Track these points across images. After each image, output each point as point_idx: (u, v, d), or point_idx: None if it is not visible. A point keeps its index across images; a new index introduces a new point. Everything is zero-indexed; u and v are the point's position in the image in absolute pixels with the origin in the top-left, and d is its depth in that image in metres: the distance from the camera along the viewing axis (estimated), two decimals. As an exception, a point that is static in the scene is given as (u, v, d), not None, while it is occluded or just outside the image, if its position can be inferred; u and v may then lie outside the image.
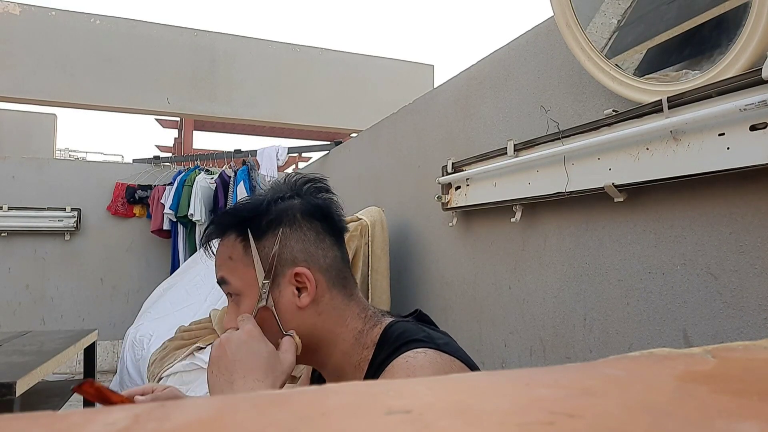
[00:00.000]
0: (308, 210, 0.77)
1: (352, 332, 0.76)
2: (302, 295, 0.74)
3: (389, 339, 0.73)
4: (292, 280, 0.74)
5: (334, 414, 0.18)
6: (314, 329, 0.75)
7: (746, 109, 0.88)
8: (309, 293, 0.74)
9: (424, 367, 0.65)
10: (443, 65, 64.67)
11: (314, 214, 0.78)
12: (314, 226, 0.77)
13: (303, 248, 0.75)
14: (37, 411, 0.34)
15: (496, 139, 1.72)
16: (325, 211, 0.79)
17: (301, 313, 0.74)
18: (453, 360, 0.69)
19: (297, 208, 0.77)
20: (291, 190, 0.80)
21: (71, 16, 4.95)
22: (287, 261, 0.74)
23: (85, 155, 11.46)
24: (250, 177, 4.17)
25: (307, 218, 0.77)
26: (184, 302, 2.89)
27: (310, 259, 0.75)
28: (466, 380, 0.23)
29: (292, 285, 0.74)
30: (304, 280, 0.74)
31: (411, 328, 0.74)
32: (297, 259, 0.74)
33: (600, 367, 0.24)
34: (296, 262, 0.74)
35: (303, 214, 0.77)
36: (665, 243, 1.13)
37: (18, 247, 4.27)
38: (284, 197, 0.78)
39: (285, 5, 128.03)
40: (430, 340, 0.70)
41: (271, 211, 0.75)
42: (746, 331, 0.97)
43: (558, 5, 1.29)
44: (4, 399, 1.44)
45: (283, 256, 0.74)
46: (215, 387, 0.66)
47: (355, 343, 0.76)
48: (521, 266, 1.60)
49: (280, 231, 0.74)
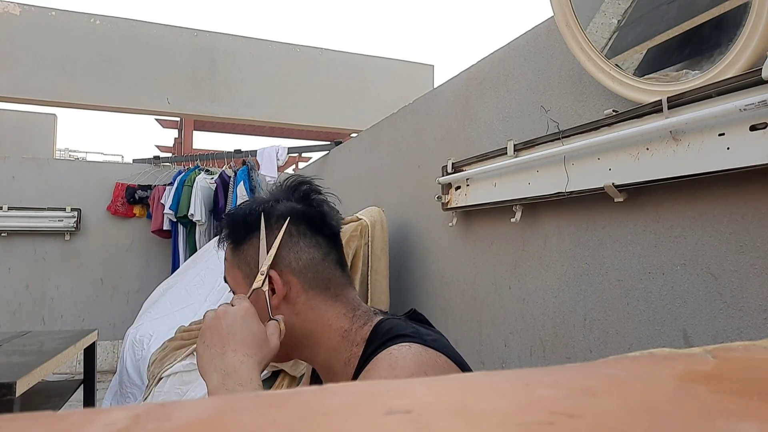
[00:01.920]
0: (283, 216, 0.81)
1: (338, 331, 0.79)
2: (273, 295, 0.78)
3: (378, 335, 0.75)
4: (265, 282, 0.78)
5: (334, 414, 0.18)
6: (293, 328, 0.78)
7: (746, 109, 0.88)
8: (277, 294, 0.78)
9: (406, 359, 0.67)
10: (443, 65, 64.68)
11: (290, 219, 0.80)
12: (287, 230, 0.80)
13: (281, 254, 0.80)
14: (37, 411, 0.34)
15: (496, 139, 1.72)
16: (303, 215, 0.82)
17: (276, 312, 0.78)
18: (438, 355, 0.70)
19: (273, 214, 0.81)
20: (283, 194, 0.84)
21: (71, 16, 4.95)
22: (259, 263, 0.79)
23: (85, 155, 11.47)
24: (250, 177, 4.17)
25: (281, 223, 0.80)
26: (184, 302, 2.89)
27: (281, 262, 0.79)
28: (466, 380, 0.23)
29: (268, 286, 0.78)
30: (273, 282, 0.78)
31: (400, 324, 0.76)
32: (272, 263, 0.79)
33: (600, 367, 0.24)
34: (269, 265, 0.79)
35: (277, 220, 0.80)
36: (665, 243, 1.13)
37: (18, 247, 4.27)
38: (270, 202, 0.82)
39: (285, 5, 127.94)
40: (417, 336, 0.71)
41: (248, 219, 0.81)
42: (746, 331, 0.97)
43: (558, 5, 1.29)
44: (4, 399, 1.44)
45: (257, 259, 0.79)
46: (205, 356, 0.68)
47: (343, 341, 0.78)
48: (521, 266, 1.60)
49: (254, 236, 0.80)
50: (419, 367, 0.66)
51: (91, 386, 2.48)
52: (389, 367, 0.66)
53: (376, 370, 0.67)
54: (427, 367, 0.67)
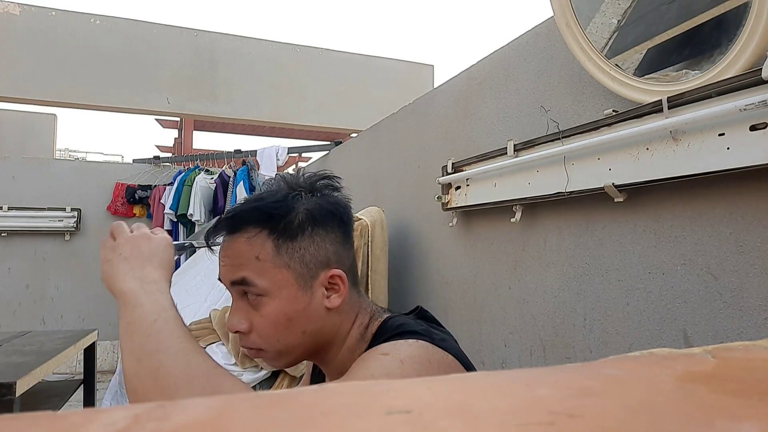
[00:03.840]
0: (332, 210, 0.74)
1: (359, 327, 0.76)
2: (332, 296, 0.72)
3: (386, 330, 0.72)
4: (324, 282, 0.72)
5: (334, 414, 0.18)
6: (333, 327, 0.74)
7: (746, 109, 0.88)
8: (340, 294, 0.72)
9: (413, 345, 0.64)
10: (443, 65, 64.69)
11: (336, 214, 0.75)
12: (341, 227, 0.75)
13: (335, 250, 0.73)
14: (37, 411, 0.34)
15: (496, 139, 1.72)
16: (346, 210, 0.77)
17: (328, 314, 0.72)
18: (445, 354, 0.67)
19: (323, 207, 0.73)
20: (305, 187, 0.75)
21: (71, 16, 4.95)
22: (322, 263, 0.71)
23: (85, 155, 11.47)
24: (250, 177, 4.17)
25: (334, 217, 0.74)
26: (184, 302, 2.88)
27: (340, 261, 0.73)
28: (466, 380, 0.23)
29: (323, 286, 0.72)
30: (338, 281, 0.72)
31: (410, 321, 0.73)
32: (330, 261, 0.72)
33: (600, 367, 0.24)
34: (329, 264, 0.72)
35: (330, 213, 0.73)
36: (665, 243, 1.13)
37: (18, 247, 4.27)
38: (305, 193, 0.74)
39: (285, 5, 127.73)
40: (427, 334, 0.68)
41: (299, 209, 0.71)
42: (746, 331, 0.97)
43: (558, 5, 1.29)
44: (4, 399, 1.44)
45: (318, 258, 0.71)
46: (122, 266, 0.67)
47: (360, 339, 0.75)
48: (521, 266, 1.60)
49: (315, 232, 0.71)
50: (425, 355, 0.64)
51: (91, 386, 2.48)
52: (392, 345, 0.64)
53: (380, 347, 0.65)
54: (433, 360, 0.64)
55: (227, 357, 2.04)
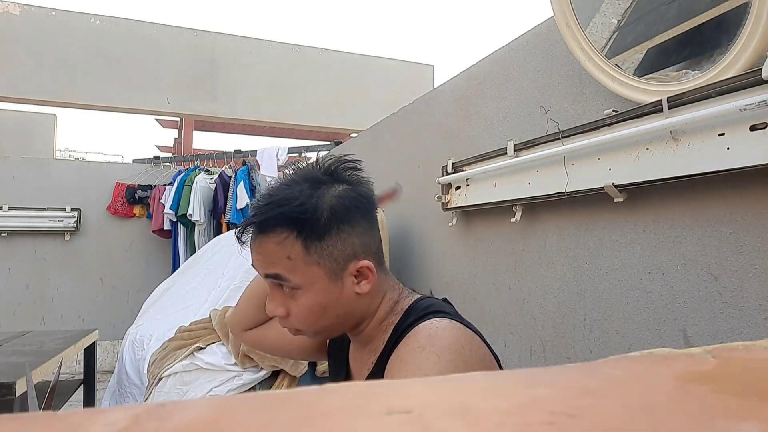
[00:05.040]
0: (356, 202, 0.77)
1: (389, 302, 0.81)
2: (362, 282, 0.77)
3: (418, 308, 0.77)
4: (353, 272, 0.76)
5: (334, 414, 0.18)
6: (363, 307, 0.79)
7: (746, 109, 0.88)
8: (370, 281, 0.77)
9: (446, 329, 0.69)
10: (443, 65, 64.59)
11: (363, 204, 0.78)
12: (365, 216, 0.78)
13: (361, 242, 0.77)
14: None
15: (496, 139, 1.72)
16: (370, 197, 0.80)
17: (359, 297, 0.77)
18: (474, 336, 0.72)
19: (347, 201, 0.76)
20: (328, 176, 0.77)
21: (71, 16, 4.95)
22: (350, 256, 0.76)
23: (85, 155, 11.46)
24: (250, 177, 4.17)
25: (359, 209, 0.77)
26: (184, 302, 2.88)
27: (367, 250, 0.78)
28: (466, 380, 0.23)
29: (353, 275, 0.76)
30: (366, 271, 0.77)
31: (441, 304, 0.79)
32: (357, 253, 0.76)
33: (600, 367, 0.24)
34: (357, 256, 0.76)
35: (354, 207, 0.76)
36: (665, 243, 1.13)
37: (18, 247, 4.27)
38: (326, 186, 0.76)
39: (285, 5, 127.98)
40: (457, 316, 0.75)
41: (324, 208, 0.74)
42: (746, 331, 0.97)
43: (558, 5, 1.29)
44: (4, 399, 1.44)
45: (346, 252, 0.75)
46: None
47: (389, 311, 0.81)
48: (521, 266, 1.60)
49: (341, 229, 0.74)
50: (457, 340, 0.68)
51: (91, 386, 2.48)
52: (428, 336, 0.68)
53: (417, 337, 0.69)
54: (465, 341, 0.69)
55: (227, 357, 2.04)
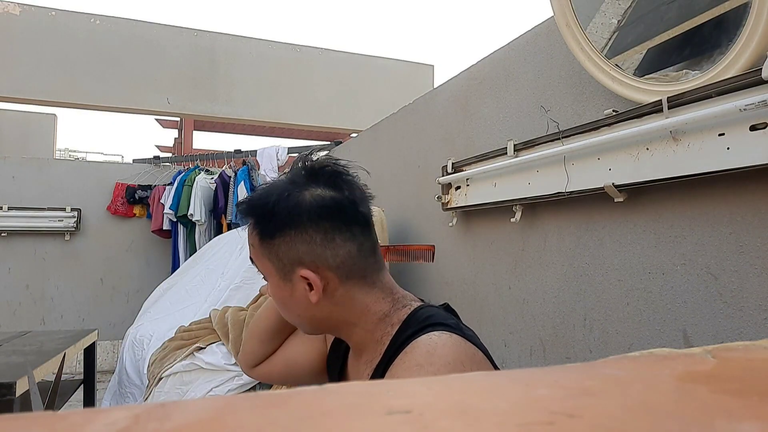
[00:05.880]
0: (316, 212, 0.75)
1: (376, 315, 0.78)
2: (311, 292, 0.76)
3: (417, 319, 0.74)
4: (300, 279, 0.76)
5: (334, 414, 0.18)
6: (332, 315, 0.78)
7: (746, 109, 0.88)
8: (316, 292, 0.76)
9: (446, 346, 0.66)
10: (443, 65, 64.61)
11: (322, 214, 0.75)
12: (321, 227, 0.75)
13: (308, 250, 0.75)
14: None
15: (496, 139, 1.72)
16: (335, 208, 0.76)
17: (315, 305, 0.77)
18: (476, 350, 0.69)
19: (305, 209, 0.75)
20: (308, 178, 0.77)
21: (71, 16, 4.95)
22: (294, 261, 0.76)
23: (85, 155, 11.45)
24: (250, 177, 4.17)
25: (314, 219, 0.75)
26: (184, 302, 2.88)
27: (317, 260, 0.75)
28: (466, 380, 0.23)
29: (303, 282, 0.76)
30: (310, 281, 0.75)
31: (441, 313, 0.76)
32: (303, 261, 0.75)
33: (600, 367, 0.24)
34: (302, 263, 0.75)
35: (310, 216, 0.75)
36: (665, 243, 1.13)
37: (18, 247, 4.27)
38: (295, 191, 0.76)
39: (285, 5, 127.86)
40: (457, 328, 0.71)
41: (278, 212, 0.75)
42: (746, 331, 0.97)
43: (558, 5, 1.29)
44: (4, 399, 1.44)
45: (290, 256, 0.76)
46: None
47: (380, 323, 0.78)
48: (521, 266, 1.60)
49: (286, 234, 0.75)
50: (457, 357, 0.65)
51: (91, 386, 2.48)
52: (427, 354, 0.66)
53: (414, 354, 0.67)
54: (465, 358, 0.66)
55: (227, 357, 2.04)
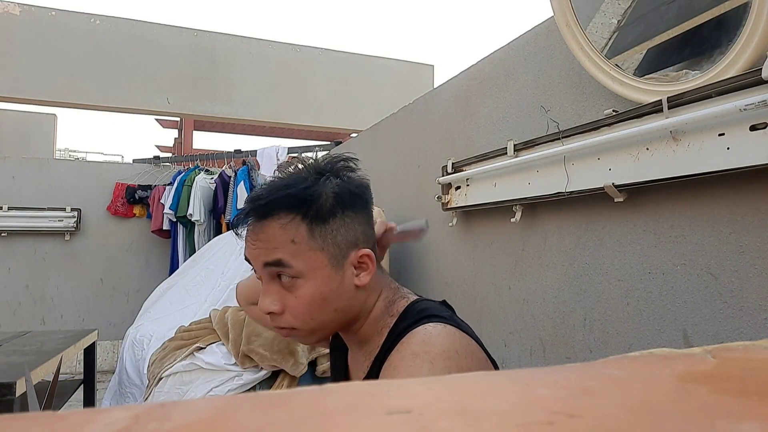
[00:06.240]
0: (357, 192, 0.77)
1: (384, 301, 0.80)
2: (361, 274, 0.76)
3: (413, 311, 0.75)
4: (354, 261, 0.75)
5: (334, 414, 0.18)
6: (360, 302, 0.78)
7: (746, 109, 0.88)
8: (369, 272, 0.76)
9: (440, 335, 0.67)
10: (443, 65, 64.65)
11: (360, 195, 0.78)
12: (364, 207, 0.78)
13: (363, 230, 0.77)
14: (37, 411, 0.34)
15: (496, 139, 1.72)
16: (365, 191, 0.79)
17: (357, 291, 0.76)
18: (470, 340, 0.70)
19: (349, 189, 0.76)
20: (329, 171, 0.77)
21: (71, 16, 4.95)
22: (352, 243, 0.75)
23: (85, 155, 11.46)
24: (250, 177, 4.17)
25: (358, 200, 0.77)
26: (184, 302, 2.88)
27: (368, 240, 0.77)
28: (466, 380, 0.23)
29: (353, 266, 0.75)
30: (366, 260, 0.76)
31: (436, 306, 0.77)
32: (359, 241, 0.76)
33: (600, 367, 0.24)
34: (358, 244, 0.75)
35: (355, 196, 0.76)
36: (665, 243, 1.13)
37: (18, 247, 4.27)
38: (327, 176, 0.76)
39: (285, 5, 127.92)
40: (451, 320, 0.73)
41: (328, 193, 0.74)
42: (746, 331, 0.96)
43: (558, 5, 1.29)
44: (4, 399, 1.44)
45: (348, 238, 0.75)
46: None
47: (385, 311, 0.79)
48: (521, 266, 1.60)
49: (345, 214, 0.74)
50: (451, 346, 0.67)
51: (91, 386, 2.48)
52: (422, 343, 0.67)
53: (410, 344, 0.68)
54: (459, 347, 0.67)
55: (227, 357, 2.04)
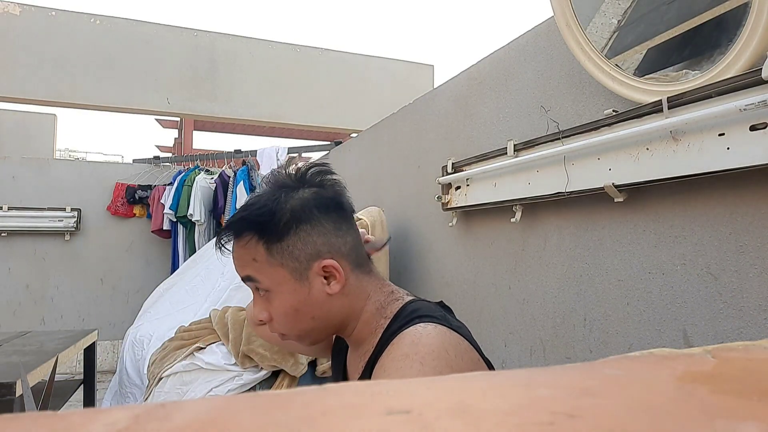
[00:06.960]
0: (322, 202, 0.79)
1: (375, 304, 0.81)
2: (332, 283, 0.78)
3: (406, 312, 0.77)
4: (319, 272, 0.77)
5: (334, 414, 0.18)
6: (342, 308, 0.80)
7: (746, 109, 0.88)
8: (338, 281, 0.78)
9: (430, 335, 0.68)
10: (443, 65, 64.73)
11: (328, 205, 0.79)
12: (330, 217, 0.79)
13: (325, 241, 0.78)
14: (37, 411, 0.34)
15: (496, 139, 1.72)
16: (338, 199, 0.81)
17: (332, 298, 0.78)
18: (462, 339, 0.71)
19: (311, 202, 0.78)
20: (297, 181, 0.81)
21: (71, 16, 4.95)
22: (312, 255, 0.77)
23: (85, 155, 11.46)
24: (250, 177, 4.17)
25: (323, 210, 0.78)
26: (184, 302, 2.88)
27: (332, 249, 0.78)
28: (466, 380, 0.23)
29: (320, 276, 0.77)
30: (332, 270, 0.77)
31: (429, 306, 0.78)
32: (321, 252, 0.77)
33: (600, 367, 0.24)
34: (321, 255, 0.77)
35: (319, 208, 0.78)
36: (665, 243, 1.13)
37: (18, 247, 4.27)
38: (290, 192, 0.79)
39: (285, 5, 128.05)
40: (444, 320, 0.73)
41: (285, 210, 0.77)
42: (746, 331, 0.96)
43: (558, 5, 1.29)
44: (4, 399, 1.44)
45: (307, 252, 0.77)
46: None
47: (376, 313, 0.80)
48: (521, 266, 1.60)
49: (300, 229, 0.77)
50: (441, 345, 0.67)
51: (91, 386, 2.48)
52: (412, 344, 0.68)
53: (400, 345, 0.69)
54: (450, 346, 0.68)
55: (227, 357, 2.04)
